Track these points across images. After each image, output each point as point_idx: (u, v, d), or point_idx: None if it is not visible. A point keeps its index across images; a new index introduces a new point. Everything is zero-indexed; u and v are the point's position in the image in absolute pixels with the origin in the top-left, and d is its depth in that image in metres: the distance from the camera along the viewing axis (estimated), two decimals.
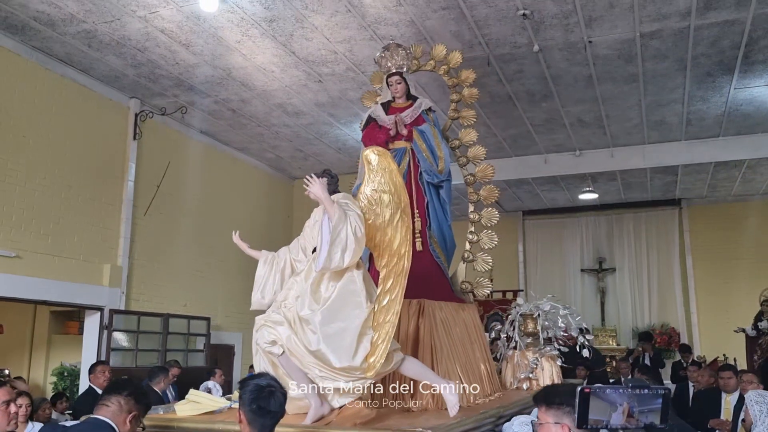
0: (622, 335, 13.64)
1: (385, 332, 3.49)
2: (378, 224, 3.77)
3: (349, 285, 3.60)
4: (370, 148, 4.03)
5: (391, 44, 5.64)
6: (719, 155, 10.47)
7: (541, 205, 13.98)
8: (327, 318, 3.49)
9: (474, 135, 5.89)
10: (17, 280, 7.11)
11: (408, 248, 3.77)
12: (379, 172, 3.82)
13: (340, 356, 3.44)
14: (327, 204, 3.57)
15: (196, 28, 7.01)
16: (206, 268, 10.09)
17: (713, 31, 7.01)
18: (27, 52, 7.41)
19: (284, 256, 4.24)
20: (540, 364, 5.80)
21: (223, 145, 10.63)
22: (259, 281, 4.21)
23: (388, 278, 3.68)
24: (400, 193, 3.83)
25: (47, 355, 10.31)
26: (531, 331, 6.03)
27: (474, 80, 6.10)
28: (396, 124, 5.33)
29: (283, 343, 3.54)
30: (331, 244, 3.46)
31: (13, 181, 7.17)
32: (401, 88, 5.55)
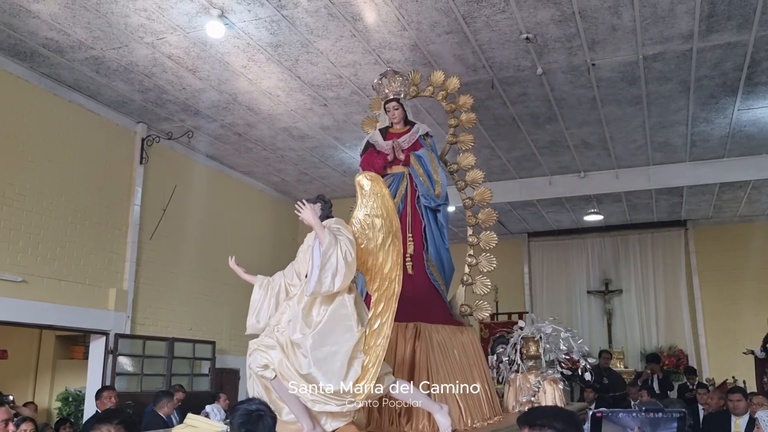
0: (630, 357, 13.53)
1: (375, 356, 3.51)
2: (370, 248, 3.82)
3: (340, 309, 3.62)
4: (363, 173, 4.11)
5: (389, 71, 5.73)
6: (724, 176, 10.47)
7: (546, 226, 13.97)
8: (318, 342, 3.51)
9: (472, 159, 5.93)
10: (23, 304, 7.11)
11: (399, 272, 3.81)
12: (372, 196, 3.89)
13: (330, 379, 3.45)
14: (317, 229, 3.63)
15: (202, 54, 7.09)
16: (212, 292, 10.08)
17: (716, 53, 7.06)
18: (36, 79, 7.49)
19: (279, 280, 4.30)
20: (542, 387, 5.72)
21: (228, 168, 10.69)
22: (255, 305, 4.25)
23: (380, 302, 3.72)
24: (392, 218, 3.88)
25: (52, 379, 10.27)
26: (533, 354, 5.99)
27: (472, 105, 6.14)
28: (393, 149, 5.40)
29: (275, 367, 3.55)
30: (321, 269, 3.50)
31: (20, 206, 7.21)
32: (398, 114, 5.62)
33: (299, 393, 3.49)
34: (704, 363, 12.88)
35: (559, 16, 6.35)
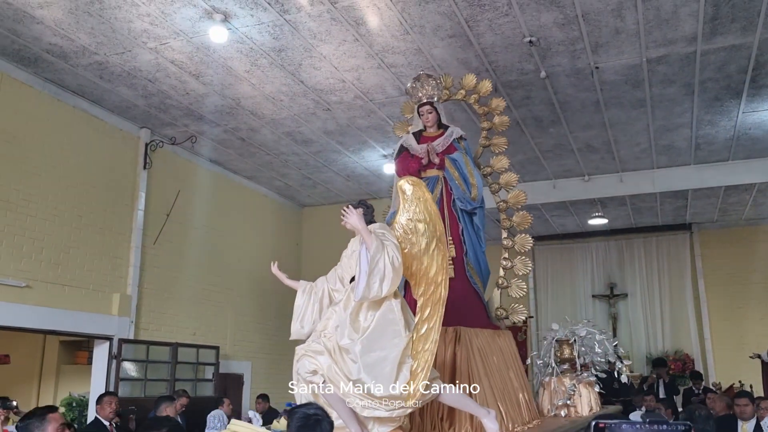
0: (635, 362, 13.43)
1: (424, 360, 3.50)
2: (414, 253, 3.79)
3: (387, 314, 3.62)
4: (405, 178, 4.06)
5: (422, 74, 5.65)
6: (729, 179, 10.42)
7: (550, 230, 13.92)
8: (367, 347, 3.51)
9: (506, 162, 5.92)
10: (27, 309, 7.12)
11: (444, 276, 3.77)
12: (414, 201, 3.86)
13: (380, 385, 3.45)
14: (365, 234, 3.61)
15: (206, 59, 7.09)
16: (215, 297, 10.08)
17: (720, 55, 7.03)
18: (39, 84, 7.51)
19: (322, 285, 4.29)
20: (577, 390, 5.73)
21: (232, 173, 10.70)
22: (298, 311, 4.26)
23: (426, 306, 3.69)
24: (435, 222, 3.85)
25: (56, 385, 10.27)
26: (567, 357, 5.99)
27: (504, 108, 6.11)
28: (428, 153, 5.38)
29: (324, 373, 3.56)
30: (369, 274, 3.48)
31: (24, 211, 7.22)
32: (432, 118, 5.57)
33: (348, 398, 3.49)
34: (710, 367, 12.80)
35: (562, 19, 6.34)
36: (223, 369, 9.79)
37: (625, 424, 2.13)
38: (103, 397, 6.64)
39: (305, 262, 12.48)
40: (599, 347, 6.05)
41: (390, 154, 9.83)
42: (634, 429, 2.12)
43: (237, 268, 10.66)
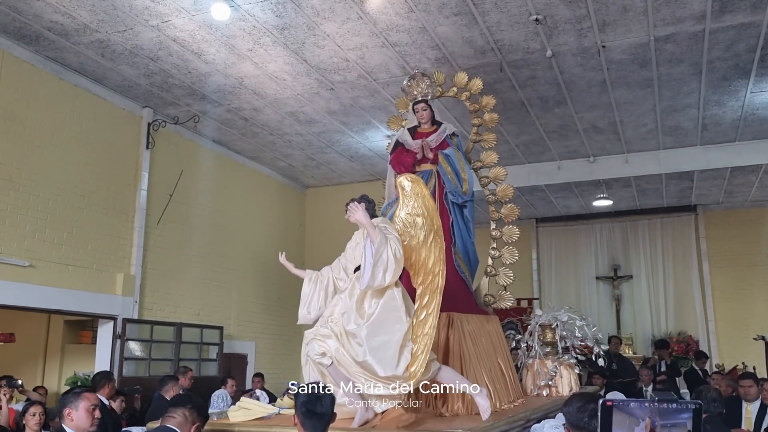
0: (639, 343, 13.48)
1: (424, 344, 3.81)
2: (413, 245, 4.11)
3: (390, 302, 3.92)
4: (404, 175, 4.42)
5: (417, 73, 5.95)
6: (736, 160, 10.34)
7: (554, 212, 13.87)
8: (372, 332, 3.83)
9: (495, 157, 6.21)
10: (31, 289, 7.12)
11: (441, 267, 4.08)
12: (413, 197, 4.22)
13: (384, 366, 3.77)
14: (369, 229, 3.88)
15: (208, 37, 7.02)
16: (219, 277, 10.09)
17: (729, 34, 6.93)
18: (41, 62, 7.46)
19: (327, 274, 4.59)
20: (559, 371, 6.07)
21: (235, 153, 10.65)
22: (305, 298, 4.56)
23: (424, 295, 4.00)
24: (433, 217, 4.17)
25: (61, 364, 10.32)
26: (549, 340, 6.34)
27: (494, 106, 6.35)
28: (423, 148, 5.64)
29: (332, 355, 3.88)
30: (374, 265, 3.77)
31: (27, 191, 7.20)
32: (426, 115, 5.86)
33: (354, 378, 3.81)
34: (713, 349, 12.80)
35: None
36: (227, 349, 9.83)
37: (633, 401, 2.12)
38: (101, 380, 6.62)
39: (308, 242, 12.48)
40: (579, 332, 6.41)
41: (393, 135, 9.77)
42: (642, 406, 2.11)
43: (240, 249, 10.66)
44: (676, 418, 2.09)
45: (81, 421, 3.58)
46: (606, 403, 2.12)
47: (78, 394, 3.67)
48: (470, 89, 6.33)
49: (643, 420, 2.08)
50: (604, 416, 2.11)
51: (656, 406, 2.10)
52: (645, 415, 2.09)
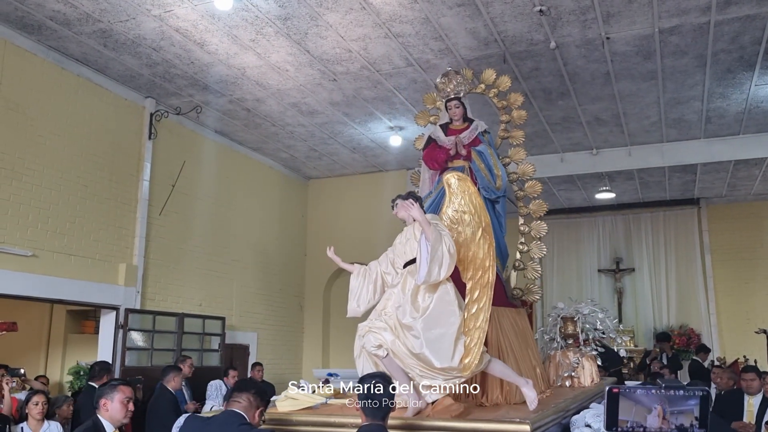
0: (640, 336, 13.48)
1: (477, 337, 3.96)
2: (461, 241, 4.22)
3: (444, 296, 4.04)
4: (451, 172, 4.65)
5: (450, 71, 6.01)
6: (739, 153, 10.30)
7: (557, 204, 13.82)
8: (428, 325, 3.94)
9: (523, 154, 6.28)
10: (33, 279, 7.14)
11: (491, 262, 4.19)
12: (459, 194, 4.37)
13: (440, 358, 3.89)
14: (425, 226, 3.95)
15: (210, 27, 7.00)
16: (221, 268, 10.10)
17: (734, 26, 6.89)
18: (43, 52, 7.44)
19: (375, 269, 4.66)
20: (581, 363, 6.15)
21: (237, 144, 10.64)
22: (354, 291, 4.65)
23: (475, 289, 4.13)
24: (480, 213, 4.29)
25: (63, 354, 10.34)
26: (571, 332, 6.46)
27: (522, 103, 6.38)
28: (456, 144, 5.73)
29: (387, 347, 4.00)
30: (430, 261, 3.86)
31: (30, 180, 7.20)
32: (459, 112, 5.93)
33: (409, 369, 3.94)
34: (715, 342, 12.81)
35: None
36: (229, 340, 9.84)
37: (639, 389, 2.13)
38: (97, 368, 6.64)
39: (310, 233, 12.48)
40: (600, 324, 6.53)
41: (396, 126, 9.78)
42: (648, 393, 2.12)
43: (242, 240, 10.66)
44: (684, 404, 2.11)
45: (115, 412, 3.75)
46: (612, 390, 2.15)
47: (114, 386, 3.84)
48: (498, 86, 6.39)
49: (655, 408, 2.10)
50: (611, 403, 2.14)
51: (664, 393, 2.12)
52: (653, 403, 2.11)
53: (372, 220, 11.87)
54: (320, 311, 12.17)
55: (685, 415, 2.10)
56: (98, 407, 3.78)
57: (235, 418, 3.27)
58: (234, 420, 3.26)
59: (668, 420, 2.08)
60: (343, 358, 11.67)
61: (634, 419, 2.09)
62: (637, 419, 2.09)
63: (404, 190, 12.37)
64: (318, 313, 12.17)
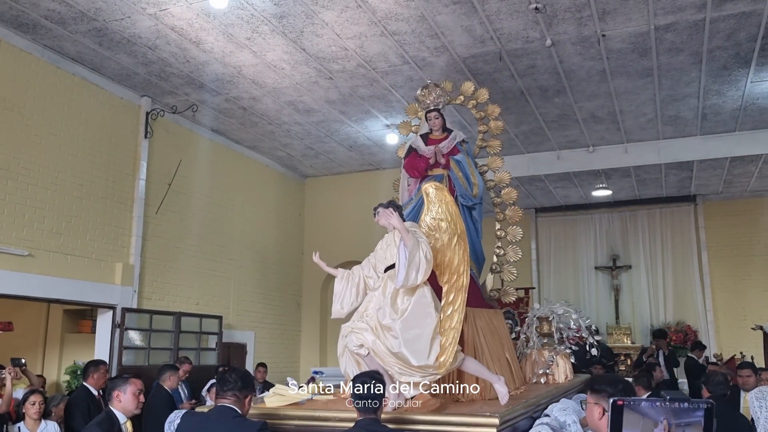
0: (637, 333, 13.52)
1: (451, 337, 4.22)
2: (438, 247, 4.48)
3: (421, 299, 4.32)
4: (429, 182, 4.98)
5: (430, 84, 6.34)
6: (735, 150, 10.33)
7: (553, 202, 13.87)
8: (406, 325, 4.22)
9: (500, 162, 6.59)
10: (30, 278, 7.12)
11: (465, 267, 4.46)
12: (437, 203, 4.63)
13: (417, 356, 4.15)
14: (404, 234, 4.21)
15: (206, 26, 6.99)
16: (218, 267, 10.09)
17: (729, 23, 6.90)
18: (38, 51, 7.42)
19: (358, 273, 4.93)
20: (555, 361, 6.40)
21: (233, 143, 10.63)
22: (339, 294, 4.92)
23: (450, 292, 4.40)
24: (456, 221, 4.57)
25: (60, 353, 10.32)
26: (546, 332, 6.70)
27: (499, 113, 6.65)
28: (435, 154, 6.04)
29: (369, 346, 4.24)
30: (408, 266, 4.14)
31: (26, 180, 7.18)
32: (438, 123, 6.22)
33: (388, 367, 4.17)
34: (712, 339, 12.84)
35: None
36: (226, 338, 9.84)
37: (644, 401, 2.12)
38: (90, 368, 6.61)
39: (307, 232, 12.47)
40: (574, 324, 6.82)
41: (392, 124, 9.77)
42: (654, 406, 2.10)
43: (239, 239, 10.65)
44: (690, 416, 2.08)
45: (128, 403, 3.98)
46: (617, 402, 2.11)
47: (126, 379, 4.07)
48: (477, 98, 6.68)
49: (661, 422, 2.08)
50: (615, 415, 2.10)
51: (669, 405, 2.09)
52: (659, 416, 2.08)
53: (369, 218, 11.74)
54: (317, 310, 12.17)
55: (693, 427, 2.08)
56: (111, 399, 3.99)
57: (229, 412, 3.44)
58: (227, 413, 3.44)
59: None
60: None
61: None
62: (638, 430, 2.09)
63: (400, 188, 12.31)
64: (315, 312, 12.17)
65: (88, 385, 6.26)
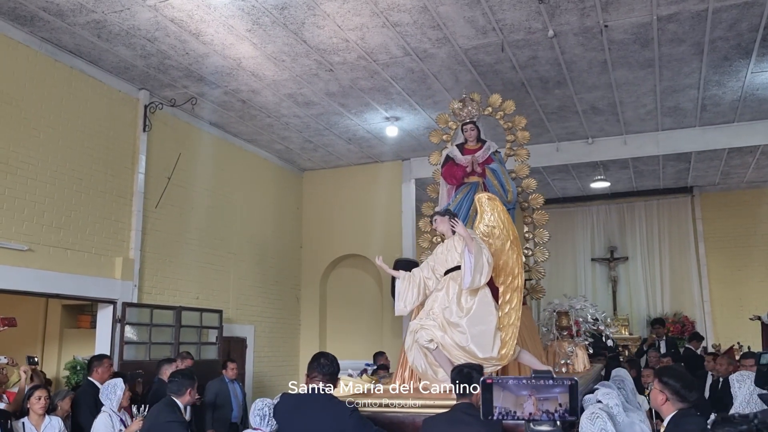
0: (634, 324, 13.58)
1: (511, 332, 4.72)
2: (492, 252, 4.92)
3: (483, 298, 4.81)
4: (484, 193, 5.62)
5: (466, 98, 6.83)
6: (733, 141, 10.34)
7: (551, 194, 13.83)
8: (472, 322, 4.71)
9: (527, 170, 7.19)
10: (29, 273, 7.06)
11: (520, 269, 4.96)
12: (489, 211, 5.15)
13: (483, 350, 4.63)
14: (469, 241, 4.72)
15: (206, 17, 6.92)
16: (218, 261, 10.05)
17: (732, 13, 6.89)
18: (36, 44, 7.34)
19: (418, 274, 5.31)
20: (575, 352, 6.92)
21: (232, 136, 10.56)
22: (401, 294, 5.30)
23: (506, 293, 4.90)
24: (509, 227, 5.07)
25: (60, 349, 10.26)
26: (565, 325, 7.28)
27: (525, 124, 7.26)
28: (472, 163, 6.54)
29: (438, 341, 4.73)
30: (473, 270, 4.64)
31: (24, 174, 7.12)
32: (474, 134, 6.76)
33: (455, 359, 4.59)
34: (709, 329, 12.91)
35: None
36: (227, 333, 9.80)
37: (512, 379, 2.39)
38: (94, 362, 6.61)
39: (306, 225, 12.44)
40: (591, 317, 7.42)
41: (392, 117, 9.75)
42: (520, 383, 2.36)
43: (238, 232, 10.61)
44: (549, 392, 2.36)
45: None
46: (486, 380, 2.38)
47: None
48: (504, 109, 7.17)
49: (529, 397, 2.34)
50: (485, 392, 2.36)
51: (533, 382, 2.36)
52: (525, 391, 2.35)
53: (367, 211, 11.86)
54: (317, 303, 12.15)
55: (550, 401, 2.34)
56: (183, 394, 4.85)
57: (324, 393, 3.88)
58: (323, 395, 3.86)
59: (538, 406, 2.34)
60: (339, 349, 11.65)
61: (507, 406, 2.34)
62: (509, 406, 2.34)
63: (400, 181, 12.35)
64: (315, 305, 12.15)
65: (92, 380, 6.24)
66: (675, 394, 3.43)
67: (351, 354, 10.11)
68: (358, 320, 11.91)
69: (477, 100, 6.90)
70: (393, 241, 11.47)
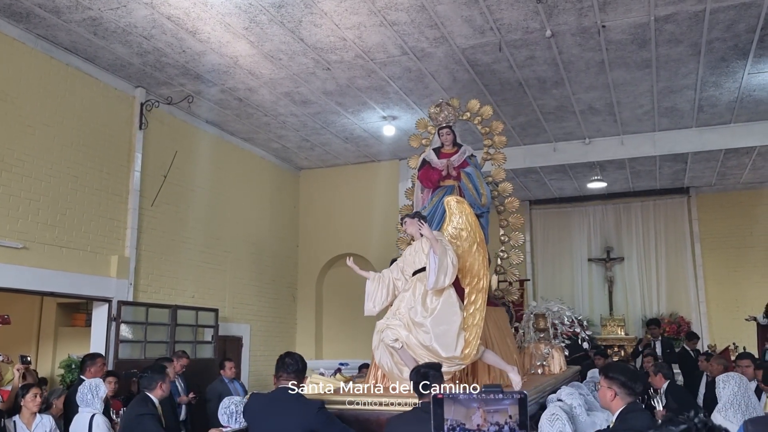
0: (630, 325, 13.58)
1: (474, 332, 4.80)
2: (459, 254, 5.03)
3: (448, 299, 4.88)
4: (452, 196, 5.61)
5: (442, 102, 6.84)
6: (730, 142, 10.35)
7: (548, 194, 13.88)
8: (436, 322, 4.78)
9: (503, 174, 7.24)
10: (24, 271, 7.03)
11: (485, 271, 5.06)
12: (458, 214, 5.24)
13: (446, 349, 4.70)
14: (434, 243, 4.78)
15: (203, 15, 6.90)
16: (213, 259, 10.02)
17: (729, 14, 6.89)
18: (32, 41, 7.30)
19: (387, 275, 5.41)
20: (551, 354, 6.97)
21: (229, 135, 10.53)
22: (371, 294, 5.39)
23: (472, 293, 5.00)
24: (476, 230, 5.17)
25: (54, 347, 10.21)
26: (542, 327, 7.31)
27: (502, 129, 7.24)
28: (447, 167, 6.61)
29: (403, 340, 4.82)
30: (438, 271, 4.72)
31: (19, 171, 7.08)
32: (449, 138, 6.79)
33: (419, 358, 4.65)
34: (705, 330, 12.92)
35: None
36: (222, 331, 9.77)
37: (462, 394, 2.42)
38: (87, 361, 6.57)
39: (302, 224, 12.42)
40: (567, 320, 7.45)
41: (390, 116, 9.73)
42: (470, 397, 2.39)
43: (234, 231, 10.58)
44: (499, 405, 2.39)
45: None
46: (437, 396, 2.38)
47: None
48: (482, 114, 7.18)
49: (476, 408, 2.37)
50: (436, 407, 2.36)
51: (482, 396, 2.39)
52: (474, 404, 2.38)
53: (364, 210, 11.84)
54: (313, 302, 12.13)
55: (500, 414, 2.36)
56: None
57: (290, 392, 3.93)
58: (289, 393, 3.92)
59: (487, 418, 2.36)
60: (335, 348, 11.65)
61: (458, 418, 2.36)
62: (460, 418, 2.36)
63: (397, 180, 12.32)
64: (311, 305, 12.13)
65: (85, 378, 6.20)
66: (622, 387, 3.52)
67: (348, 353, 10.10)
68: (353, 319, 11.87)
69: (455, 105, 6.91)
70: (389, 241, 11.42)
